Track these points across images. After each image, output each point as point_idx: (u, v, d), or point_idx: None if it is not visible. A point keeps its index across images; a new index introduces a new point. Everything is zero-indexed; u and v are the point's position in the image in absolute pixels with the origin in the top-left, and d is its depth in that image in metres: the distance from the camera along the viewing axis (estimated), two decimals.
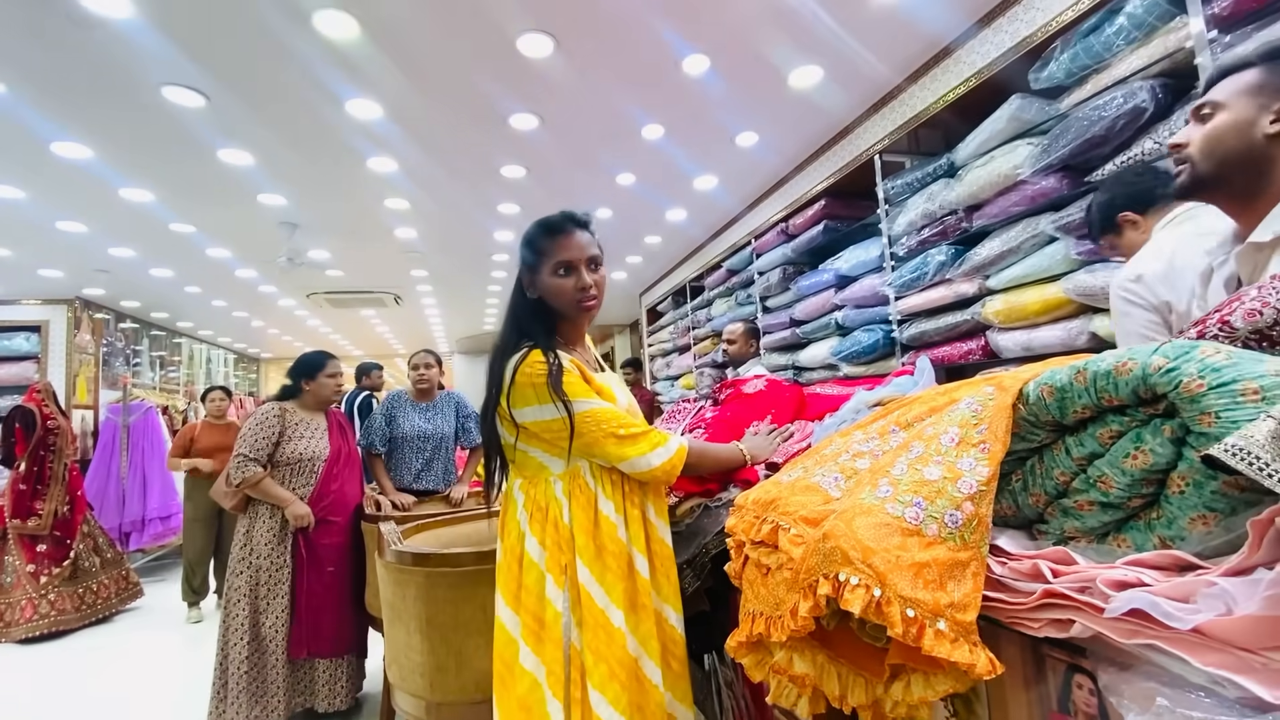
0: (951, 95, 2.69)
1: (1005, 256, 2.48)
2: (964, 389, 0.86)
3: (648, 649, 1.11)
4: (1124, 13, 1.94)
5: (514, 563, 1.15)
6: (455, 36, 2.51)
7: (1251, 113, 0.96)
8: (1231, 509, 0.59)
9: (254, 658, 2.30)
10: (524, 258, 1.23)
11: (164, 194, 3.90)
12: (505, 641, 1.12)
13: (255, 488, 2.36)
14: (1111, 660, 0.58)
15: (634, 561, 1.14)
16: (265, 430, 2.41)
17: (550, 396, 1.12)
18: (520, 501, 1.18)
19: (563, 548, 1.12)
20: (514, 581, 1.14)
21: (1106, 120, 1.98)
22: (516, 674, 1.08)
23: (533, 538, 1.14)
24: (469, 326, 9.87)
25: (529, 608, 1.11)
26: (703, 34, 2.59)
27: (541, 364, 1.13)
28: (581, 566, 1.11)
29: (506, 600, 1.14)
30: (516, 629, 1.11)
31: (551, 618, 1.09)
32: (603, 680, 1.05)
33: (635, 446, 1.14)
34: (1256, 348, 0.71)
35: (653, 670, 1.11)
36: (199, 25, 2.36)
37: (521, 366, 1.13)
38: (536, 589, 1.11)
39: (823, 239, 3.73)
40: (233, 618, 2.32)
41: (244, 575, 2.35)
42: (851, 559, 0.67)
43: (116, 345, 6.87)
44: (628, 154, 3.74)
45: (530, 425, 1.15)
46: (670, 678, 1.15)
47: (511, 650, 1.10)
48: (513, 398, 1.14)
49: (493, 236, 5.21)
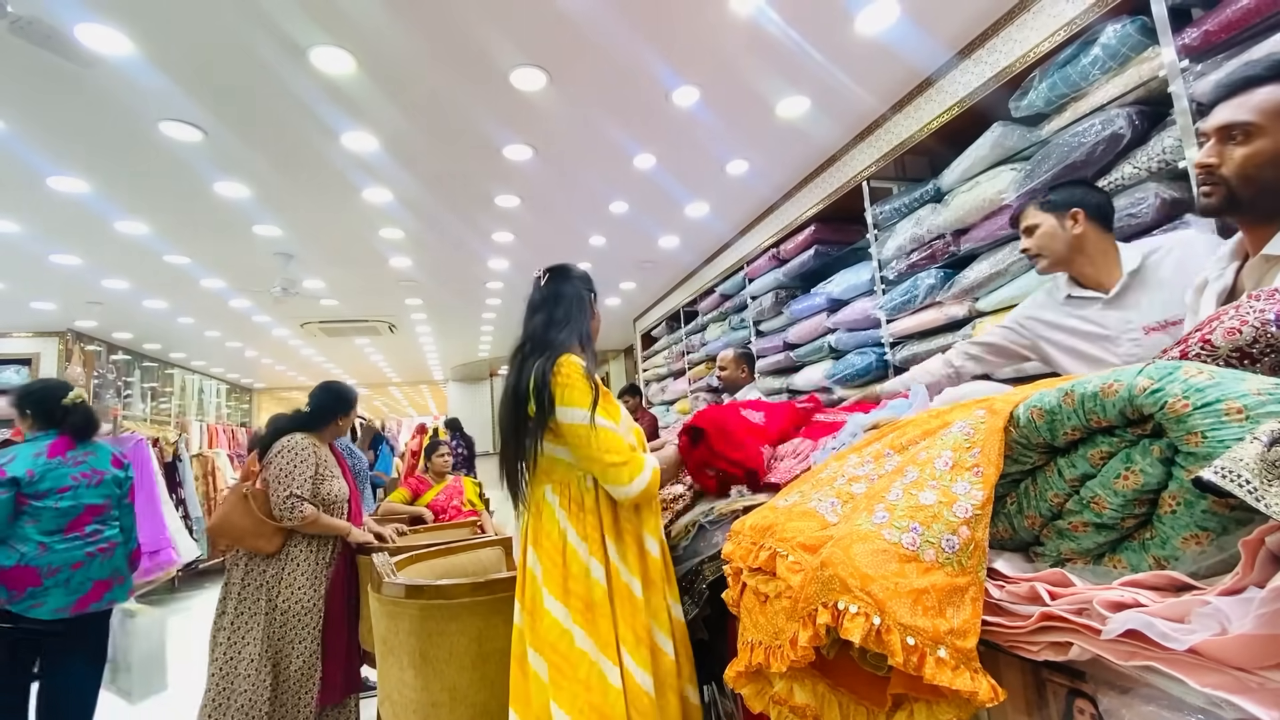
0: (935, 123, 2.76)
1: (994, 279, 2.52)
2: (956, 412, 0.86)
3: (659, 621, 1.25)
4: (1098, 44, 2.01)
5: (558, 556, 1.26)
6: (450, 71, 2.56)
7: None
8: (1223, 528, 0.59)
9: (274, 701, 2.12)
10: (590, 286, 1.50)
11: (159, 226, 3.93)
12: (559, 633, 1.20)
13: (314, 525, 2.23)
14: (1112, 684, 0.58)
15: (645, 542, 1.29)
16: (307, 467, 2.27)
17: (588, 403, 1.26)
18: (556, 503, 1.30)
19: (598, 530, 1.27)
20: (560, 573, 1.24)
21: (1086, 146, 2.03)
22: (574, 659, 1.18)
23: (573, 530, 1.27)
24: (463, 354, 9.87)
25: (577, 593, 1.22)
26: (692, 66, 2.66)
27: (579, 366, 1.30)
28: (609, 544, 1.26)
29: (555, 594, 1.23)
30: (567, 618, 1.21)
31: (600, 596, 1.22)
32: (633, 647, 1.20)
33: (619, 475, 1.25)
34: (1239, 365, 0.73)
35: (664, 641, 1.25)
36: (197, 62, 2.41)
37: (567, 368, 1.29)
38: (582, 574, 1.23)
39: (814, 263, 3.77)
40: (244, 663, 2.10)
41: (259, 619, 2.15)
42: (850, 587, 0.67)
43: (108, 377, 6.83)
44: (620, 183, 3.80)
45: (565, 425, 1.27)
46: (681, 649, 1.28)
47: (567, 639, 1.20)
48: (565, 395, 1.27)
49: (487, 265, 5.25)
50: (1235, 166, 0.97)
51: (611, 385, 9.89)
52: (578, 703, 1.15)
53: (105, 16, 2.15)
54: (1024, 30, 2.32)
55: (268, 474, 2.27)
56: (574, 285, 1.45)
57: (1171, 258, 1.46)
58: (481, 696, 1.48)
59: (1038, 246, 1.60)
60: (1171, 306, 1.41)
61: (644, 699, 1.18)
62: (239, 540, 2.23)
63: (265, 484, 2.27)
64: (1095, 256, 1.56)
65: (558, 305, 1.41)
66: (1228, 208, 1.01)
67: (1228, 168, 0.98)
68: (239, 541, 2.24)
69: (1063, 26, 2.15)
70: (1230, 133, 0.97)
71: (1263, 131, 0.94)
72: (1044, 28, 2.23)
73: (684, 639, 1.30)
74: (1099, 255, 1.55)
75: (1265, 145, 0.94)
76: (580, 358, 1.34)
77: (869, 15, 2.40)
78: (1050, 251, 1.59)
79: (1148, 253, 1.49)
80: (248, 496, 2.25)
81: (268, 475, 2.27)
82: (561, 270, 1.48)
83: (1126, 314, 1.50)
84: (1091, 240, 1.55)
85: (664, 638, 1.26)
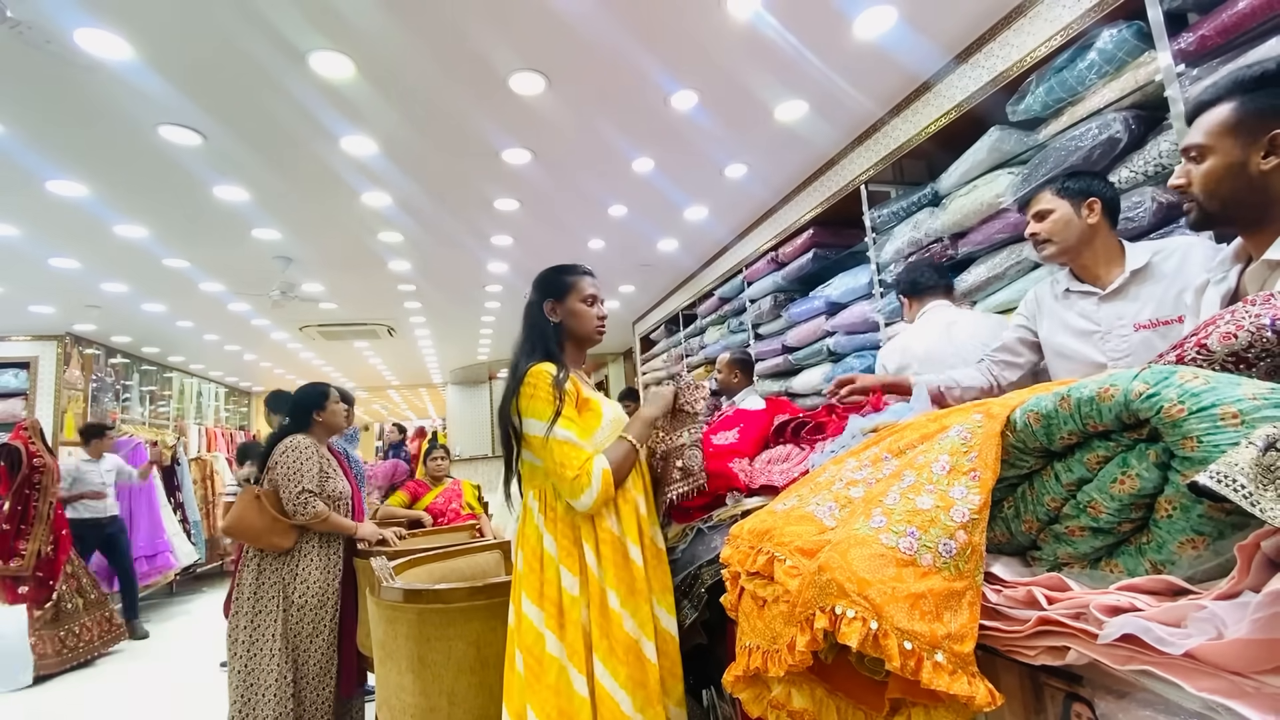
0: (933, 127, 2.76)
1: (991, 283, 2.52)
2: (953, 416, 0.87)
3: (646, 631, 1.23)
4: (1095, 48, 2.02)
5: (535, 562, 1.28)
6: (449, 75, 2.57)
7: (1239, 153, 1.00)
8: (1219, 532, 0.59)
9: (297, 697, 2.18)
10: (551, 289, 1.46)
11: (158, 230, 3.92)
12: (534, 637, 1.22)
13: (324, 522, 2.28)
14: (1109, 688, 0.58)
15: (628, 551, 1.28)
16: (312, 464, 2.32)
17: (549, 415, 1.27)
18: (536, 508, 1.33)
19: (572, 538, 1.27)
20: (537, 579, 1.27)
21: (1083, 150, 2.04)
22: (545, 663, 1.20)
23: (549, 535, 1.28)
24: (463, 357, 9.86)
25: (550, 598, 1.24)
26: (690, 70, 2.66)
27: (547, 375, 1.31)
28: (588, 550, 1.26)
29: (531, 598, 1.26)
30: (541, 621, 1.23)
31: (569, 603, 1.23)
32: (605, 655, 1.19)
33: (572, 489, 1.24)
34: (1233, 370, 0.73)
35: (651, 650, 1.22)
36: (196, 66, 2.41)
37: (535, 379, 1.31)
38: (555, 579, 1.25)
39: (812, 267, 3.78)
40: (265, 659, 2.16)
41: (275, 615, 2.20)
42: (847, 591, 0.67)
43: (106, 381, 6.81)
44: (619, 186, 3.80)
45: (527, 436, 1.31)
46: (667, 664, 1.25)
47: (540, 643, 1.22)
48: (528, 407, 1.30)
49: (486, 268, 5.25)
50: (1199, 185, 1.05)
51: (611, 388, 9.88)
52: (547, 708, 1.17)
53: (104, 21, 2.15)
54: (1021, 35, 2.33)
55: (274, 475, 2.32)
56: (533, 300, 1.47)
57: (1173, 259, 1.46)
58: (480, 701, 1.47)
59: (1049, 232, 1.57)
60: (1165, 307, 1.42)
61: (615, 710, 1.16)
62: (256, 540, 2.28)
63: (273, 485, 2.32)
64: (1101, 250, 1.55)
65: (524, 326, 1.46)
66: (1206, 222, 1.08)
67: (1195, 186, 1.06)
68: (256, 541, 2.28)
69: (1059, 31, 2.16)
70: (1190, 154, 1.07)
71: (1212, 150, 1.03)
72: (1041, 32, 2.24)
73: (673, 654, 1.28)
74: (1105, 249, 1.55)
75: (1216, 162, 1.02)
76: (552, 365, 1.34)
77: (867, 19, 2.41)
78: (1062, 239, 1.55)
79: (1155, 252, 1.49)
80: (260, 497, 2.29)
81: (274, 476, 2.32)
82: (533, 285, 1.50)
83: (1120, 309, 1.50)
84: (1102, 233, 1.54)
85: (651, 648, 1.22)
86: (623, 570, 1.26)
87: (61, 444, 5.89)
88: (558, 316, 1.44)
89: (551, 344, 1.41)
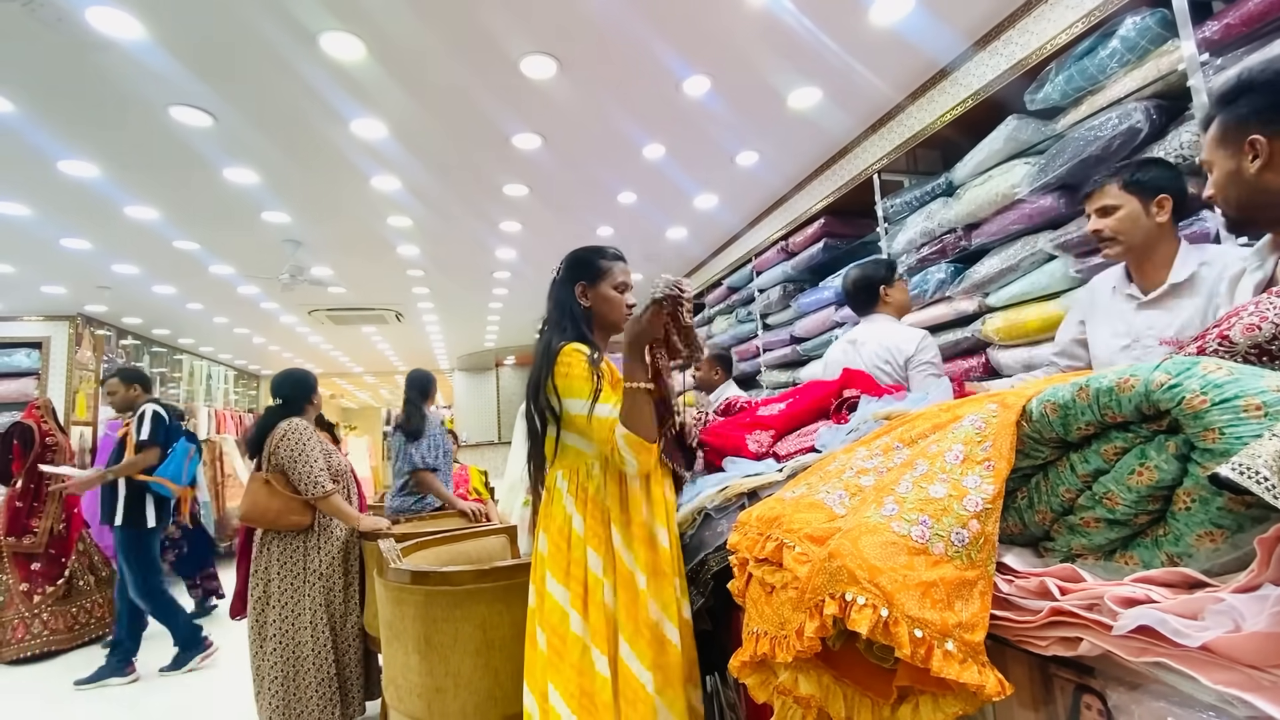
0: (950, 115, 2.72)
1: (1005, 274, 2.50)
2: (967, 405, 0.86)
3: (668, 614, 1.24)
4: (1117, 36, 1.98)
5: (563, 541, 1.29)
6: (460, 58, 2.55)
7: (1232, 163, 1.05)
8: (1238, 526, 0.59)
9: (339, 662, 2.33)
10: (584, 271, 1.43)
11: (168, 212, 3.94)
12: (560, 616, 1.24)
13: (332, 506, 2.34)
14: (1120, 680, 0.58)
15: (656, 533, 1.28)
16: (315, 443, 2.39)
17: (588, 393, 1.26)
18: (565, 489, 1.33)
19: (600, 520, 1.28)
20: (564, 558, 1.27)
21: (1103, 140, 2.00)
22: (570, 642, 1.21)
23: (578, 516, 1.29)
24: (470, 343, 9.88)
25: (577, 578, 1.25)
26: (703, 56, 2.63)
27: (581, 355, 1.29)
28: (615, 533, 1.26)
29: (557, 577, 1.27)
30: (566, 600, 1.24)
31: (594, 583, 1.24)
32: (631, 635, 1.20)
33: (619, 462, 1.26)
34: (1256, 362, 0.72)
35: (673, 633, 1.23)
36: (207, 47, 2.40)
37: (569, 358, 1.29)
38: (582, 559, 1.26)
39: (823, 257, 3.75)
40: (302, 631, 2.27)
41: (304, 588, 2.31)
42: (858, 578, 0.67)
43: (117, 362, 6.87)
44: (629, 173, 3.78)
45: (568, 416, 1.30)
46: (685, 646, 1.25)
47: (565, 622, 1.23)
48: (566, 386, 1.28)
49: (494, 254, 5.24)
50: (1216, 195, 1.11)
51: None
52: (570, 686, 1.18)
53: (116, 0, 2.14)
54: (1041, 22, 2.29)
55: (279, 458, 2.35)
56: (560, 280, 1.45)
57: (1213, 272, 1.39)
58: (485, 682, 1.49)
59: (1114, 230, 1.45)
60: (1191, 327, 1.36)
61: (639, 690, 1.17)
62: (274, 522, 2.34)
63: (279, 466, 2.36)
64: (1162, 252, 1.44)
65: (552, 304, 1.45)
66: (1234, 226, 1.14)
67: (1215, 197, 1.11)
68: (274, 524, 2.34)
69: (1081, 18, 2.12)
70: (1203, 168, 1.13)
71: (1212, 164, 1.09)
72: (1062, 19, 2.20)
73: (690, 637, 1.29)
74: (1165, 252, 1.44)
75: (1219, 174, 1.08)
76: (583, 345, 1.33)
77: (884, 4, 2.37)
78: (1128, 238, 1.44)
79: (1203, 262, 1.41)
80: (269, 481, 2.34)
81: (279, 459, 2.35)
82: (559, 267, 1.48)
83: (1152, 319, 1.44)
84: (1167, 234, 1.44)
85: (673, 629, 1.23)
86: (650, 553, 1.27)
87: (73, 423, 5.96)
88: (588, 301, 1.41)
89: (582, 325, 1.39)
